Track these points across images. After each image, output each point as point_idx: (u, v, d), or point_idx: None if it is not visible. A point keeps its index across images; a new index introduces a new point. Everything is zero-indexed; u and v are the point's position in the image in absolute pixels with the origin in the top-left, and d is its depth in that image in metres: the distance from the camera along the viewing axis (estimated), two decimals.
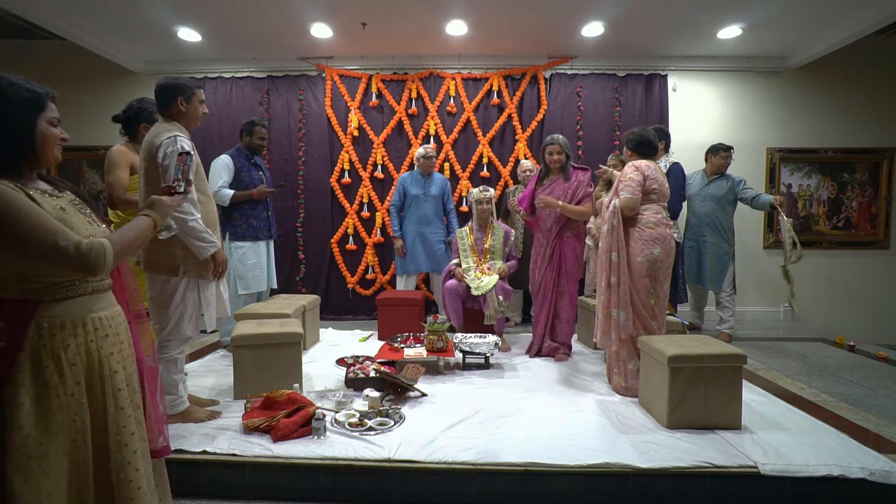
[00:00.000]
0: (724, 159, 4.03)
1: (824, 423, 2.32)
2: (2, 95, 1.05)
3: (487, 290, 3.49)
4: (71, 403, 1.06)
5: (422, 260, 4.22)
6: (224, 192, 3.43)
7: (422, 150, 4.18)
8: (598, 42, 4.37)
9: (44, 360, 1.04)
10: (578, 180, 3.29)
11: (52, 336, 1.05)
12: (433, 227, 4.24)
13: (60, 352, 1.06)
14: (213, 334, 3.93)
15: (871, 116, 4.74)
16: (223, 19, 3.91)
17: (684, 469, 1.91)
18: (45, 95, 1.12)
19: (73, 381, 1.07)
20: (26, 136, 1.08)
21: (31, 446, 0.97)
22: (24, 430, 0.98)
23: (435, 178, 4.28)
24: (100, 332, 1.14)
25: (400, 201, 4.25)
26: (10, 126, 1.05)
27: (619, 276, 2.65)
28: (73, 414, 1.06)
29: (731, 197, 4.02)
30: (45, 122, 1.11)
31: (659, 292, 2.68)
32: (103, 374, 1.13)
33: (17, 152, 1.07)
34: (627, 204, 2.69)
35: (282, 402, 2.27)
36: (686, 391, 2.22)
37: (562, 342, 3.40)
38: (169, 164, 2.07)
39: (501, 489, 1.91)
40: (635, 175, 2.71)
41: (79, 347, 1.09)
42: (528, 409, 2.48)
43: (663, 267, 2.66)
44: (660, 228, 2.67)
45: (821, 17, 3.85)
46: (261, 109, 4.74)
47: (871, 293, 4.80)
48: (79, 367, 1.08)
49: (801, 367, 3.38)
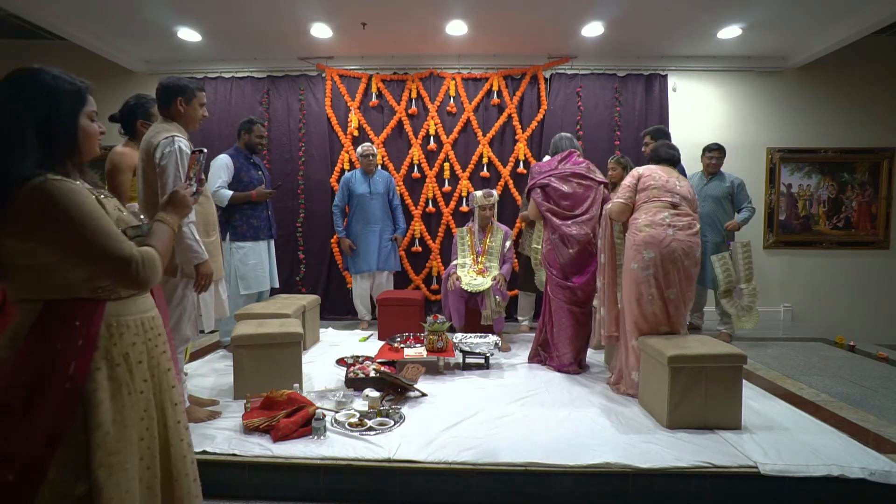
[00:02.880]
0: (710, 160, 4.03)
1: (824, 423, 2.32)
2: (47, 88, 1.02)
3: (480, 290, 3.50)
4: (140, 400, 1.09)
5: (373, 258, 4.22)
6: (223, 193, 3.43)
7: (360, 150, 4.22)
8: (598, 42, 4.36)
9: (115, 359, 1.05)
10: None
11: (120, 335, 1.07)
12: (381, 224, 4.25)
13: (129, 350, 1.08)
14: (213, 334, 3.93)
15: (871, 116, 4.74)
16: (223, 19, 3.91)
17: (684, 469, 1.91)
18: (85, 89, 1.09)
19: (141, 379, 1.10)
20: (71, 131, 1.05)
21: (110, 443, 1.00)
22: (105, 426, 1.00)
23: (380, 175, 4.30)
24: (153, 332, 1.16)
25: (343, 202, 4.27)
26: (55, 120, 1.02)
27: (604, 277, 2.81)
28: (141, 411, 1.09)
29: (730, 197, 4.03)
30: (85, 117, 1.08)
31: (668, 298, 2.52)
32: (160, 371, 1.16)
33: (63, 146, 1.04)
34: (612, 208, 2.74)
35: (282, 402, 2.27)
36: (686, 391, 2.22)
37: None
38: (167, 164, 2.07)
39: (501, 489, 1.91)
40: (626, 181, 2.73)
41: (142, 346, 1.11)
42: (528, 408, 2.48)
43: (661, 271, 2.50)
44: (655, 230, 2.52)
45: (821, 17, 3.85)
46: (261, 109, 4.74)
47: (871, 293, 4.80)
48: (144, 365, 1.11)
49: (801, 367, 3.38)
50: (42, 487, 0.93)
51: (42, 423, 0.94)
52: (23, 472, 0.92)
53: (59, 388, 0.96)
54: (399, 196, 4.51)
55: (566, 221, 3.12)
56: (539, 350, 3.31)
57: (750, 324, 3.74)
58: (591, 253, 3.10)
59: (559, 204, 3.16)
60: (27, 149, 0.97)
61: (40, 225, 0.96)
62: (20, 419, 0.93)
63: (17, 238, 0.97)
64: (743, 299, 3.76)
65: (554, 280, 3.15)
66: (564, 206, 3.15)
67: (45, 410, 0.94)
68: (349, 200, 4.27)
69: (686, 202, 2.63)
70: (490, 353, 3.13)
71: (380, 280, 4.35)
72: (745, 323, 3.74)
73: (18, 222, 0.96)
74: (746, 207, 3.99)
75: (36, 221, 0.96)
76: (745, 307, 3.74)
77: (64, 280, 1.01)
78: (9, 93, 1.01)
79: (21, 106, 1.00)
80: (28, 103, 1.00)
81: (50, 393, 0.95)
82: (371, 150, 4.21)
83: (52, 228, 0.97)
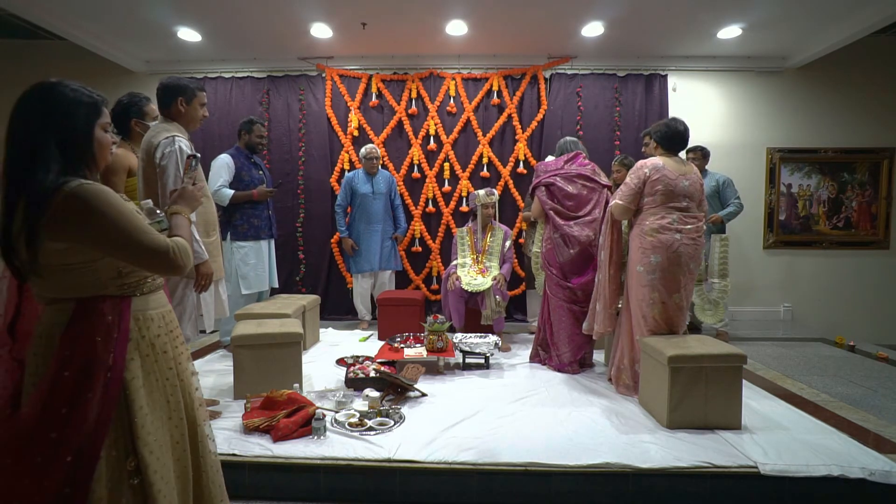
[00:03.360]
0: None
1: (824, 423, 2.32)
2: (67, 100, 1.09)
3: (480, 290, 3.50)
4: (166, 387, 1.20)
5: (374, 258, 4.23)
6: (224, 192, 3.43)
7: (364, 151, 4.22)
8: (598, 42, 4.36)
9: (145, 350, 1.16)
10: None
11: (147, 328, 1.18)
12: (383, 224, 4.26)
13: (155, 341, 1.19)
14: (213, 334, 3.93)
15: (871, 116, 4.74)
16: (223, 19, 3.91)
17: (684, 469, 1.91)
18: (101, 102, 1.16)
19: (167, 367, 1.21)
20: (88, 141, 1.12)
21: (149, 424, 1.13)
22: (144, 409, 1.13)
23: (382, 175, 4.31)
24: (173, 324, 1.27)
25: (346, 201, 4.27)
26: (74, 130, 1.09)
27: (604, 273, 2.78)
28: (168, 395, 1.20)
29: (717, 195, 4.03)
30: (100, 128, 1.15)
31: (669, 301, 2.51)
32: (180, 360, 1.26)
33: (81, 156, 1.11)
34: (614, 210, 2.70)
35: (282, 402, 2.27)
36: (686, 391, 2.22)
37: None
38: (167, 164, 2.07)
39: (501, 489, 1.91)
40: (630, 179, 2.63)
41: (165, 337, 1.22)
42: (528, 408, 2.48)
43: (667, 276, 2.50)
44: (663, 235, 2.50)
45: (821, 17, 3.85)
46: (261, 109, 4.74)
47: (871, 293, 4.80)
48: (169, 354, 1.22)
49: (801, 367, 3.38)
50: (98, 464, 1.06)
51: (90, 411, 1.04)
52: (79, 452, 1.03)
53: (102, 378, 1.06)
54: (399, 196, 4.52)
55: (569, 222, 3.12)
56: (539, 350, 3.31)
57: (713, 319, 3.66)
58: (591, 255, 3.10)
59: (563, 204, 3.16)
60: (53, 158, 1.05)
61: (80, 226, 1.04)
62: (71, 409, 1.03)
63: (57, 239, 1.04)
64: (712, 293, 3.69)
65: (553, 279, 3.15)
66: (568, 206, 3.15)
67: (92, 399, 1.04)
68: (351, 200, 4.27)
69: (693, 202, 2.59)
70: (490, 353, 3.13)
71: (382, 280, 4.35)
72: (709, 317, 3.67)
73: (58, 225, 1.03)
74: (733, 203, 3.99)
75: (75, 223, 1.04)
76: (711, 301, 3.67)
77: (96, 277, 1.10)
78: (32, 105, 1.07)
79: (45, 118, 1.07)
80: (51, 115, 1.07)
81: (94, 383, 1.05)
82: (375, 153, 4.22)
83: (92, 228, 1.05)
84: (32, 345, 1.09)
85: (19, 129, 1.06)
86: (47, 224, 1.02)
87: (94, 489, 1.05)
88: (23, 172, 1.03)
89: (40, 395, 1.03)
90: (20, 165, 1.04)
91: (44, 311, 1.11)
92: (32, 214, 1.01)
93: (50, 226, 1.02)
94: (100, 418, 1.06)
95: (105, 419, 1.06)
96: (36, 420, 1.02)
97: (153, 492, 1.11)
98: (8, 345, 1.14)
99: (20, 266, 1.06)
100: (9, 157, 1.05)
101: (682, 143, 2.66)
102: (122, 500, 1.09)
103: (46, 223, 1.02)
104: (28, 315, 1.17)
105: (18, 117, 1.07)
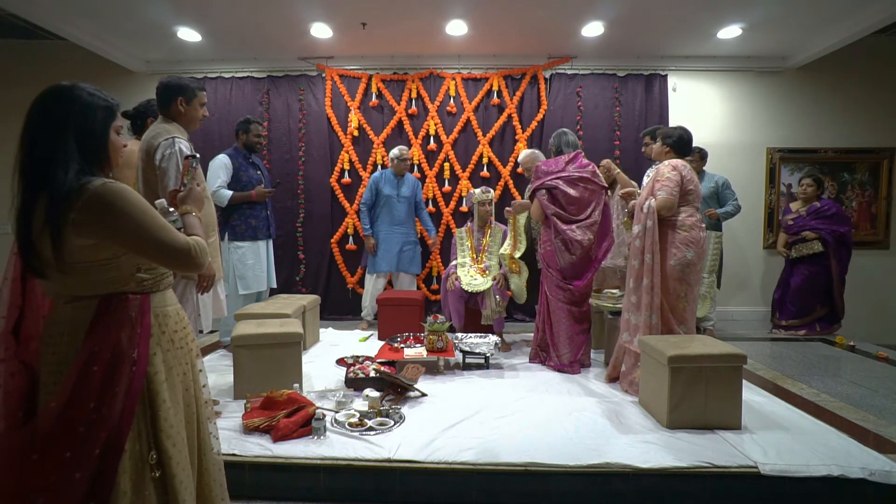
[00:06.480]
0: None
1: (824, 423, 2.32)
2: (85, 102, 1.11)
3: (480, 289, 3.50)
4: (184, 381, 1.24)
5: (393, 260, 4.22)
6: (222, 193, 3.43)
7: (396, 152, 4.20)
8: (598, 42, 4.36)
9: (165, 345, 1.20)
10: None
11: (165, 324, 1.21)
12: (405, 227, 4.26)
13: (172, 336, 1.23)
14: (212, 334, 3.93)
15: (871, 116, 4.74)
16: (223, 19, 3.91)
17: (684, 469, 1.91)
18: (115, 106, 1.19)
19: (183, 361, 1.25)
20: (103, 142, 1.15)
21: (171, 417, 1.16)
22: (167, 403, 1.16)
23: (407, 178, 4.30)
24: (184, 321, 1.30)
25: (371, 200, 4.25)
26: (92, 131, 1.12)
27: (653, 278, 2.59)
28: (183, 389, 1.24)
29: (716, 196, 4.08)
30: (114, 131, 1.18)
31: (689, 295, 2.65)
32: (192, 355, 1.30)
33: (97, 156, 1.14)
34: (664, 204, 2.61)
35: (282, 402, 2.27)
36: (686, 391, 2.22)
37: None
38: (167, 166, 2.07)
39: (501, 489, 1.91)
40: (673, 175, 2.63)
41: (181, 332, 1.26)
42: (528, 409, 2.48)
43: (695, 270, 2.63)
44: (694, 231, 2.63)
45: (821, 17, 3.85)
46: (261, 109, 4.74)
47: (871, 293, 4.79)
48: (184, 349, 1.26)
49: (801, 367, 3.38)
50: (123, 456, 1.08)
51: (117, 404, 1.07)
52: (105, 446, 1.05)
53: (128, 372, 1.09)
54: (423, 201, 4.50)
55: (570, 226, 3.09)
56: (539, 350, 3.31)
57: (700, 312, 3.59)
58: (591, 258, 3.10)
59: (566, 208, 3.12)
60: (73, 158, 1.07)
61: (107, 223, 1.07)
62: (99, 403, 1.05)
63: (82, 236, 1.06)
64: (701, 287, 3.63)
65: (553, 281, 3.15)
66: (571, 210, 3.12)
67: (119, 393, 1.07)
68: (376, 200, 4.26)
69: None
70: (490, 353, 3.13)
71: (401, 283, 4.36)
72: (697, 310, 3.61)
73: (86, 223, 1.05)
74: (731, 204, 4.06)
75: (100, 220, 1.06)
76: (700, 295, 3.60)
77: (118, 274, 1.13)
78: (51, 107, 1.09)
79: (65, 119, 1.08)
80: (71, 117, 1.09)
81: (120, 377, 1.08)
82: (407, 154, 4.22)
83: (118, 225, 1.07)
84: (50, 343, 1.10)
85: (38, 130, 1.07)
86: (74, 221, 1.04)
87: (118, 482, 1.07)
88: (43, 172, 1.05)
89: (67, 390, 1.04)
90: (40, 165, 1.05)
91: (61, 310, 1.12)
92: (57, 212, 1.03)
93: (77, 223, 1.04)
94: (124, 412, 1.08)
95: (129, 413, 1.09)
96: (63, 415, 1.03)
97: (175, 483, 1.13)
98: (13, 347, 1.15)
99: (40, 264, 1.07)
100: (27, 157, 1.06)
101: (690, 150, 2.84)
102: (144, 492, 1.10)
103: (73, 220, 1.04)
104: (31, 317, 1.18)
105: (37, 118, 1.07)
